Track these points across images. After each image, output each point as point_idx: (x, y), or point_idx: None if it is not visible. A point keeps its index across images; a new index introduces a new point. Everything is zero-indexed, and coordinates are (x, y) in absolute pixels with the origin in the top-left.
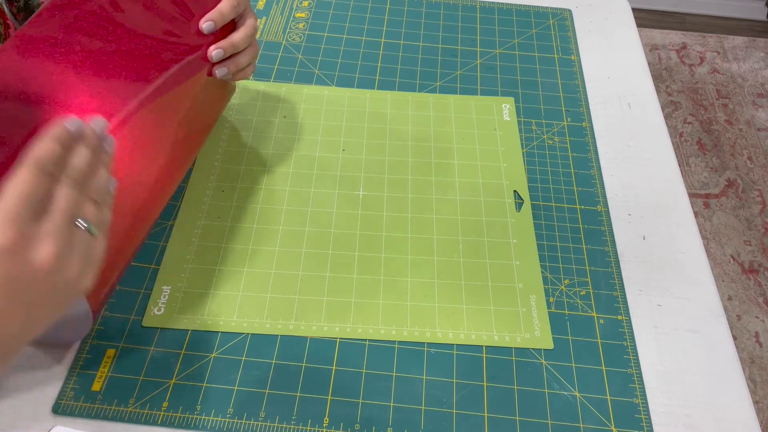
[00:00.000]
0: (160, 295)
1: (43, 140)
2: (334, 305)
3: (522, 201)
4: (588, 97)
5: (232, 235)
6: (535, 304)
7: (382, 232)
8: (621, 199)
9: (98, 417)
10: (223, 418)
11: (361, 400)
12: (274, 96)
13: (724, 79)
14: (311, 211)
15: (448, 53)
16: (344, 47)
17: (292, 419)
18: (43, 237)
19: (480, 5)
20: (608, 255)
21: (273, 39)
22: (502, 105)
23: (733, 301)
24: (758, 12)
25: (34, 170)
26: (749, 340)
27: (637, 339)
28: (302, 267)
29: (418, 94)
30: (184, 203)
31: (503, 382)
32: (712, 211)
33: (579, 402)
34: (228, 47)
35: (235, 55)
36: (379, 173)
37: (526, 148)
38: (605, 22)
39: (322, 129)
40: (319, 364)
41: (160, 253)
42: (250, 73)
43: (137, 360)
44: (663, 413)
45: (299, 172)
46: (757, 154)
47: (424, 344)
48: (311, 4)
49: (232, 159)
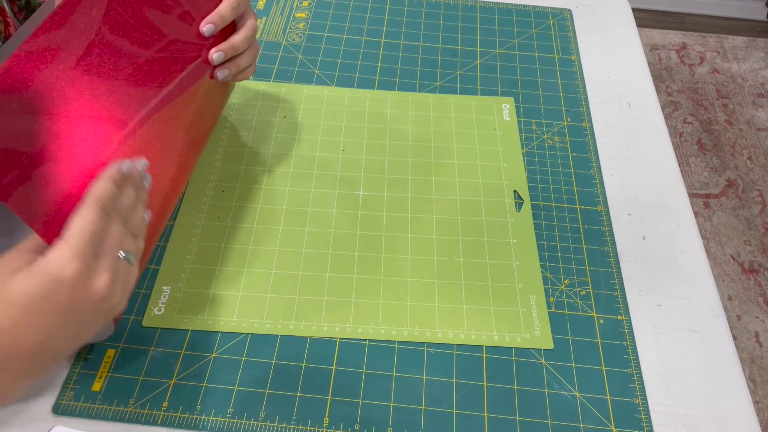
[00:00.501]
0: (160, 295)
1: (104, 181)
2: (334, 305)
3: (522, 201)
4: (588, 97)
5: (232, 235)
6: (535, 304)
7: (382, 232)
8: (621, 199)
9: (98, 417)
10: (223, 418)
11: (361, 400)
12: (274, 96)
13: (724, 79)
14: (311, 211)
15: (448, 53)
16: (344, 47)
17: (292, 419)
18: (100, 270)
19: (480, 5)
20: (608, 255)
21: (273, 39)
22: (502, 105)
23: (733, 301)
24: (758, 12)
25: (98, 210)
26: (749, 340)
27: (637, 339)
28: (302, 267)
29: (418, 94)
30: (184, 203)
31: (503, 382)
32: (712, 211)
33: (579, 402)
34: (228, 49)
35: (236, 56)
36: (379, 173)
37: (526, 148)
38: (605, 22)
39: (322, 129)
40: (319, 364)
41: (160, 253)
42: (250, 73)
43: (137, 360)
44: (663, 413)
45: (299, 172)
46: (757, 154)
47: (424, 344)
48: (311, 4)
49: (232, 159)
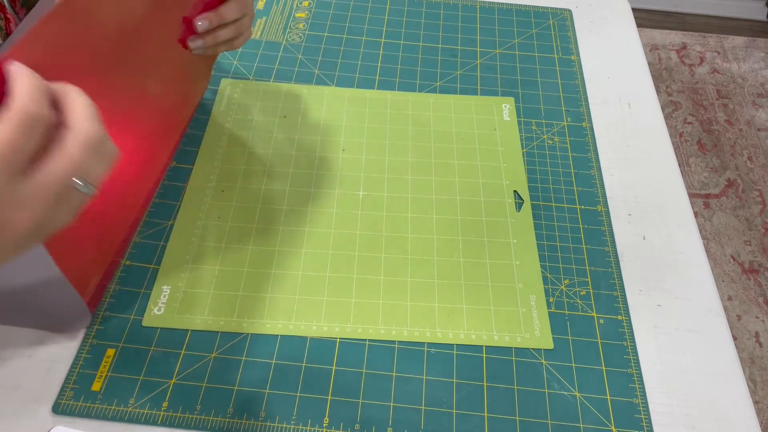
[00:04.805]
0: (160, 295)
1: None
2: (334, 305)
3: (522, 201)
4: (588, 97)
5: (232, 235)
6: (535, 304)
7: (382, 232)
8: (621, 199)
9: (98, 417)
10: (223, 418)
11: (361, 400)
12: (274, 96)
13: (724, 79)
14: (311, 211)
15: (448, 53)
16: (344, 47)
17: (292, 419)
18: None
19: (480, 5)
20: (608, 255)
21: (273, 39)
22: (502, 105)
23: (733, 301)
24: (758, 12)
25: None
26: (749, 340)
27: (637, 339)
28: (302, 267)
29: (418, 94)
30: (184, 203)
31: (503, 382)
32: (712, 211)
33: (579, 402)
34: (215, 18)
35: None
36: (379, 173)
37: (526, 148)
38: (605, 22)
39: (322, 129)
40: (319, 364)
41: (160, 253)
42: (239, 45)
43: (137, 360)
44: (663, 413)
45: (299, 172)
46: (757, 154)
47: (424, 344)
48: (311, 4)
49: (232, 159)
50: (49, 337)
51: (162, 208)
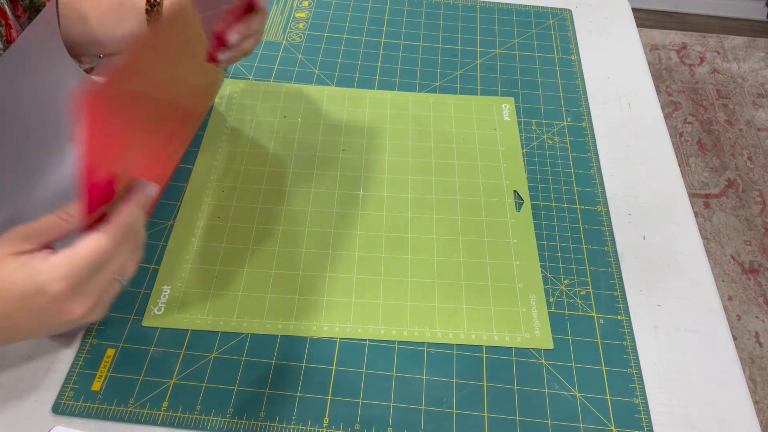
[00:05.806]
0: (160, 295)
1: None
2: (334, 305)
3: (522, 201)
4: (588, 97)
5: (232, 235)
6: (535, 304)
7: (382, 232)
8: (621, 199)
9: (98, 417)
10: (223, 418)
11: (361, 400)
12: (274, 96)
13: (724, 79)
14: (311, 211)
15: (448, 53)
16: (344, 47)
17: (292, 419)
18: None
19: (480, 5)
20: (608, 255)
21: (273, 39)
22: (502, 105)
23: (733, 301)
24: (758, 12)
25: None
26: (749, 340)
27: (637, 339)
28: (302, 267)
29: (418, 94)
30: (184, 203)
31: (503, 382)
32: (712, 211)
33: (579, 402)
34: (244, 31)
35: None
36: (379, 173)
37: (526, 148)
38: (605, 22)
39: (322, 129)
40: (319, 364)
41: (160, 253)
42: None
43: (137, 360)
44: (663, 413)
45: (299, 172)
46: (757, 154)
47: (424, 344)
48: (311, 4)
49: (232, 159)
50: (49, 337)
51: (162, 208)
